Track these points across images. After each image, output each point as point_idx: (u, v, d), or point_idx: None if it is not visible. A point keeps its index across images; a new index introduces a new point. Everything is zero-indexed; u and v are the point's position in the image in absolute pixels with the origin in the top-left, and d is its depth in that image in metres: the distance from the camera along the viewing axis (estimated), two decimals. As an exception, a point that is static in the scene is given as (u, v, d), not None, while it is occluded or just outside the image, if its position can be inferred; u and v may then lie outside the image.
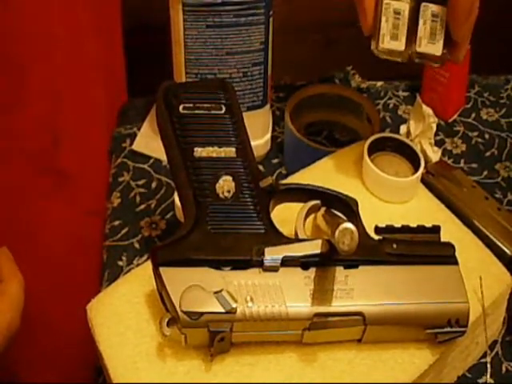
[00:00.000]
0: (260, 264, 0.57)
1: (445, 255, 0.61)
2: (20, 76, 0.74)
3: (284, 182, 0.67)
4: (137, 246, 0.80)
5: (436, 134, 0.84)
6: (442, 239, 0.62)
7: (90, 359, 0.70)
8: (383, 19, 0.62)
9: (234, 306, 0.55)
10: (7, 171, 0.76)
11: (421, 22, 0.62)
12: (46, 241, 0.82)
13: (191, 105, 0.62)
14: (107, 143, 0.92)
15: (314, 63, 1.09)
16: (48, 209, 0.82)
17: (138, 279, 0.62)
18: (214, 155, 0.60)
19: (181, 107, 0.61)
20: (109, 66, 0.93)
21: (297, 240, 0.60)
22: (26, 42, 0.73)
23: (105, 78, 0.90)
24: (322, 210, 0.62)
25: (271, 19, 0.78)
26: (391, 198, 0.70)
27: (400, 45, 0.63)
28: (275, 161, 0.89)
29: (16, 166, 0.78)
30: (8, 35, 0.70)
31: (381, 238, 0.61)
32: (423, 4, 0.62)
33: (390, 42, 0.63)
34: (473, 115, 0.95)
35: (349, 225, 0.53)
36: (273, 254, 0.58)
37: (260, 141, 0.86)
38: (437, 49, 0.62)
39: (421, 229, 0.62)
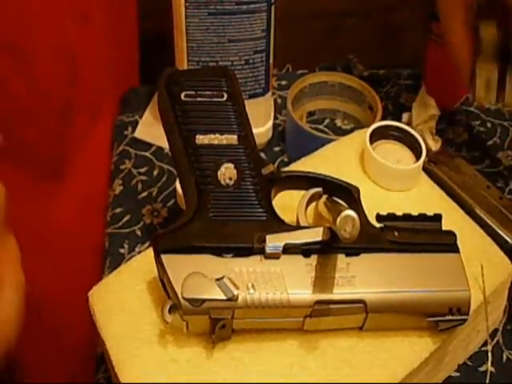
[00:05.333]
0: (261, 251, 0.57)
1: (446, 243, 0.61)
2: (30, 74, 0.74)
3: (286, 169, 0.67)
4: (138, 233, 0.80)
5: (438, 123, 0.84)
6: (444, 227, 0.62)
7: (91, 346, 0.70)
8: (478, 80, 0.71)
9: (235, 293, 0.55)
10: (6, 164, 0.76)
11: (508, 79, 0.70)
12: (48, 229, 0.82)
13: (193, 92, 0.61)
14: (110, 133, 0.92)
15: (316, 51, 1.09)
16: (50, 200, 0.82)
17: (140, 266, 0.63)
18: (216, 142, 0.60)
19: (182, 94, 0.61)
20: (121, 53, 0.93)
21: (298, 227, 0.60)
22: (31, 29, 0.73)
23: (116, 66, 0.90)
24: (324, 197, 0.62)
25: (273, 7, 0.78)
26: (393, 186, 0.70)
27: (492, 99, 0.72)
28: (277, 149, 0.89)
29: (18, 159, 0.77)
30: (12, 15, 0.70)
31: (382, 225, 0.61)
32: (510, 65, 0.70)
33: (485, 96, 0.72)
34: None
35: (350, 212, 0.53)
36: (274, 242, 0.58)
37: (262, 129, 0.86)
38: None
39: (422, 217, 0.62)
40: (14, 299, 0.57)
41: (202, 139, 0.60)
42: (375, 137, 0.72)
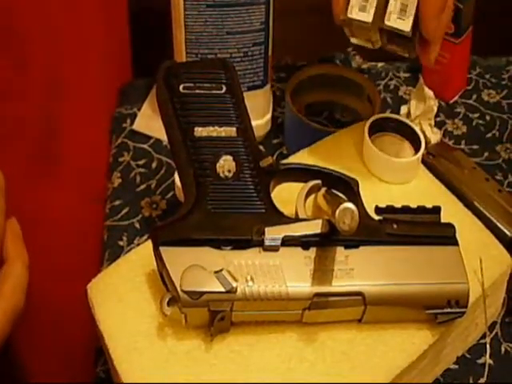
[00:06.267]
0: (260, 244, 0.58)
1: (445, 236, 0.61)
2: (20, 61, 0.74)
3: (284, 162, 0.67)
4: (137, 225, 0.80)
5: (437, 116, 0.84)
6: (443, 220, 0.62)
7: (90, 339, 0.70)
8: None
9: (234, 285, 0.55)
10: (6, 157, 0.76)
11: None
12: (47, 222, 0.82)
13: (192, 84, 0.61)
14: (108, 126, 0.92)
15: (315, 44, 1.09)
16: (48, 192, 0.82)
17: (139, 259, 0.63)
18: (215, 135, 0.60)
19: (181, 87, 0.61)
20: (112, 45, 0.93)
21: (297, 220, 0.60)
22: (26, 23, 0.72)
23: (108, 57, 0.90)
24: (323, 190, 0.62)
25: (272, -1, 0.78)
26: (392, 179, 0.70)
27: (368, 16, 0.61)
28: (276, 141, 0.89)
29: (15, 151, 0.77)
30: (8, 11, 0.70)
31: (381, 218, 0.61)
32: None
33: (359, 13, 0.61)
34: (474, 96, 0.95)
35: (349, 205, 0.53)
36: (273, 234, 0.58)
37: (260, 121, 0.86)
38: (406, 25, 0.61)
39: (421, 209, 0.62)
40: (21, 273, 0.59)
41: (200, 131, 0.60)
42: (374, 129, 0.71)
